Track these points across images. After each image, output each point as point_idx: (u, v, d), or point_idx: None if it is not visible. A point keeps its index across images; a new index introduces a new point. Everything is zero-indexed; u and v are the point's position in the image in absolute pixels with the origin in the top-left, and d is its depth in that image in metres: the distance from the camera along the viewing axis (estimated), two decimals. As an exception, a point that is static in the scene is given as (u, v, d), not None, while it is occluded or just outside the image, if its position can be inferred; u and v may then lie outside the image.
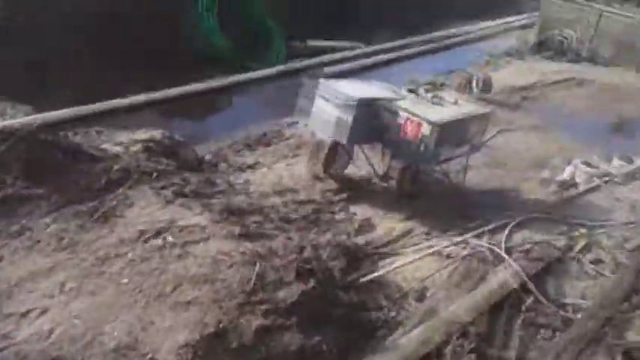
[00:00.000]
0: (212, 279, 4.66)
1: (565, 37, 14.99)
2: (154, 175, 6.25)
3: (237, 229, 5.44)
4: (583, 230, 7.05)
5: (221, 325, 4.27)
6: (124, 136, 7.21)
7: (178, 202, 5.81)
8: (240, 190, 6.93)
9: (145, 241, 5.02)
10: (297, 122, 8.91)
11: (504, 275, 6.01)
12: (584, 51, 14.54)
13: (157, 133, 7.09)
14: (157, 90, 9.33)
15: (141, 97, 9.05)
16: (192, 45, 10.73)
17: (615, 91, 12.41)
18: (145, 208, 5.51)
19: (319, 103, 7.60)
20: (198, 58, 10.43)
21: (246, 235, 5.43)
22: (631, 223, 7.47)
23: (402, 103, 7.49)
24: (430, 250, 6.35)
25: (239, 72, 10.75)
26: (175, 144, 7.23)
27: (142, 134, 7.12)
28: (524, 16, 17.92)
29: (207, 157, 7.73)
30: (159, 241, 5.06)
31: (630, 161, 9.15)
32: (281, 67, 11.36)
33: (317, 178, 7.64)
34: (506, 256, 6.30)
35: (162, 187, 6.07)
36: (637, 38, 13.92)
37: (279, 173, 7.71)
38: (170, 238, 5.11)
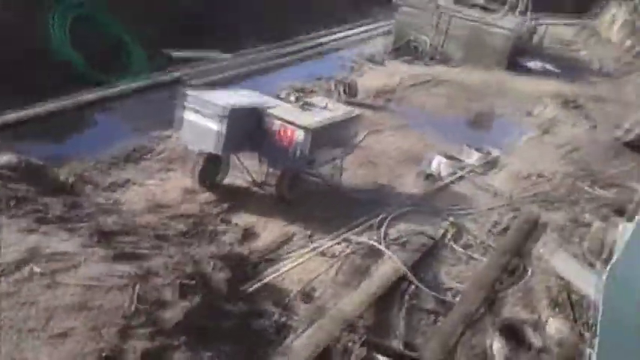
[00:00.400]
0: (87, 306, 4.33)
1: (419, 42, 15.94)
2: (12, 202, 5.70)
3: (110, 252, 5.12)
4: (452, 218, 7.51)
5: (104, 355, 3.97)
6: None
7: (42, 229, 5.34)
8: (111, 210, 6.53)
9: (9, 275, 4.55)
10: (170, 136, 8.60)
11: (386, 268, 6.23)
12: (437, 54, 15.55)
13: (12, 158, 6.46)
14: (12, 109, 8.54)
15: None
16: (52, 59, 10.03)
17: (468, 89, 13.42)
18: (5, 240, 5.00)
19: (189, 115, 7.41)
20: (56, 74, 9.73)
21: (121, 257, 5.12)
22: (493, 208, 8.09)
23: (274, 111, 7.52)
24: (314, 252, 6.41)
25: (100, 87, 10.16)
26: (34, 168, 6.64)
27: (-4, 160, 6.46)
28: (386, 22, 18.78)
29: (71, 179, 7.20)
30: (24, 273, 4.61)
31: (488, 153, 9.93)
32: (146, 81, 10.91)
33: (194, 191, 7.43)
34: (386, 250, 6.54)
35: (23, 215, 5.55)
36: (482, 40, 15.16)
37: (153, 190, 7.39)
38: (36, 269, 4.68)
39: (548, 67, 15.82)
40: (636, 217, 4.50)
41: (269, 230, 6.84)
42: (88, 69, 10.43)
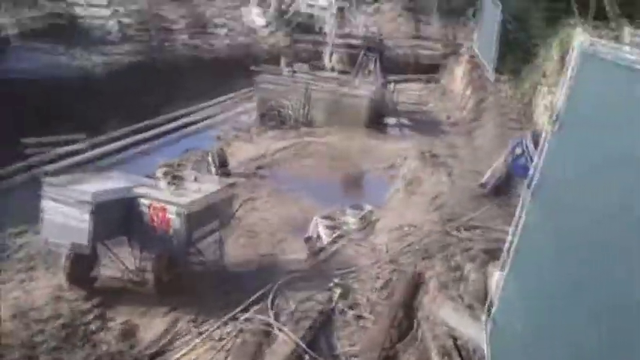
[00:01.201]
0: None
1: (282, 108, 16.36)
2: None
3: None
4: (337, 280, 7.56)
5: None
6: None
7: None
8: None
9: None
10: (26, 231, 7.90)
11: (277, 343, 6.07)
12: (300, 118, 16.03)
13: None
14: None
15: None
16: None
17: (334, 149, 13.91)
18: None
19: (50, 206, 6.89)
20: None
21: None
22: (374, 262, 8.29)
23: (143, 191, 7.23)
24: (201, 338, 6.09)
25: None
26: None
27: None
28: (244, 91, 19.08)
29: None
30: None
31: (361, 209, 10.26)
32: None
33: (62, 288, 6.81)
34: (275, 323, 6.39)
35: None
36: (340, 103, 15.91)
37: (14, 294, 6.66)
38: None
39: (404, 121, 16.92)
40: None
41: (149, 320, 6.41)
42: None
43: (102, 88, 14.95)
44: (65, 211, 6.76)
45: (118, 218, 7.06)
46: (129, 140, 13.31)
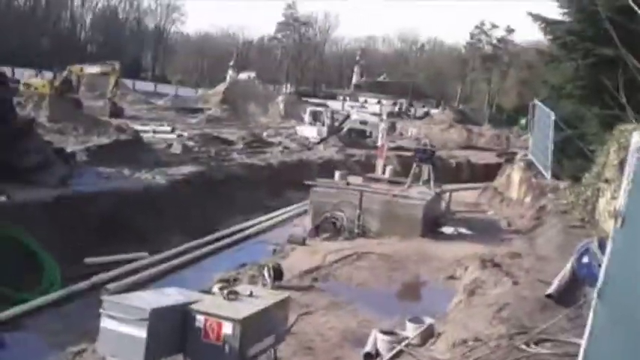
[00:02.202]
0: None
1: (336, 219, 16.45)
2: None
3: None
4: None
5: None
6: None
7: None
8: None
9: None
10: (85, 349, 7.91)
11: None
12: (355, 228, 16.03)
13: None
14: None
15: None
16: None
17: (390, 259, 13.68)
18: None
19: (107, 323, 6.92)
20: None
21: None
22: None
23: (197, 306, 7.20)
24: None
25: (12, 305, 9.48)
26: None
27: None
28: (298, 205, 19.47)
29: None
30: None
31: (421, 322, 9.82)
32: (60, 292, 10.32)
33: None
34: None
35: None
36: (395, 211, 15.90)
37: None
38: None
39: (462, 230, 16.63)
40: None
41: None
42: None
43: (164, 204, 15.60)
44: (122, 328, 6.75)
45: (174, 335, 6.98)
46: (187, 256, 13.56)
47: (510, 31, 72.98)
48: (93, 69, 35.26)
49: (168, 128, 30.80)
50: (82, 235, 12.70)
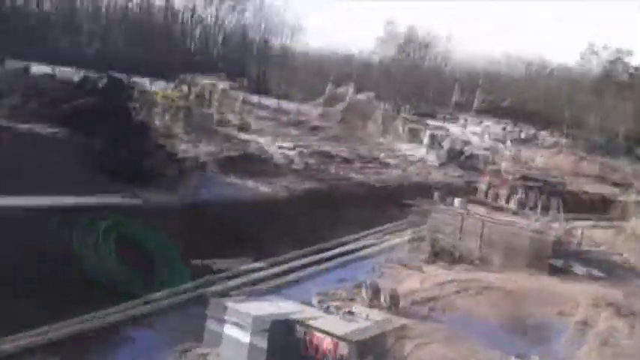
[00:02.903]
0: None
1: (455, 247, 15.87)
2: None
3: None
4: None
5: None
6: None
7: None
8: None
9: None
10: (208, 353, 8.15)
11: None
12: (474, 257, 15.35)
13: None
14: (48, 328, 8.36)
15: (22, 342, 7.96)
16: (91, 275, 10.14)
17: (511, 295, 12.91)
18: None
19: (228, 330, 7.13)
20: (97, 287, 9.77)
21: None
22: None
23: (314, 322, 7.19)
24: None
25: (137, 302, 10.04)
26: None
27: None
28: (415, 229, 19.04)
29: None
30: None
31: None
32: (186, 295, 10.79)
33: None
34: None
35: None
36: (519, 244, 15.02)
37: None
38: None
39: (593, 271, 15.35)
40: None
41: None
42: (129, 284, 10.41)
43: (282, 216, 15.92)
44: (243, 336, 6.92)
45: (290, 347, 7.02)
46: (302, 269, 13.67)
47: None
48: (223, 84, 37.25)
49: (291, 144, 31.65)
50: (207, 239, 13.21)
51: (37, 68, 49.51)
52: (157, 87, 35.65)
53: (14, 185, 10.23)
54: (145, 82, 46.49)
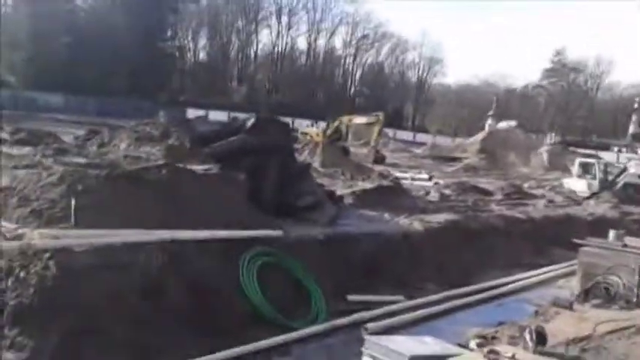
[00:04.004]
0: None
1: (610, 284, 14.57)
2: None
3: None
4: None
5: None
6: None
7: None
8: None
9: None
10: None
11: None
12: (633, 297, 13.97)
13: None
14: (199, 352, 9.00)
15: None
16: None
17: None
18: None
19: (367, 363, 7.17)
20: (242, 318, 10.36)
21: None
22: None
23: (457, 360, 6.99)
24: None
25: (280, 332, 10.46)
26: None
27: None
28: (564, 264, 17.91)
29: None
30: None
31: None
32: (325, 325, 11.06)
33: None
34: None
35: None
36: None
37: None
38: None
39: None
40: None
41: None
42: (272, 313, 10.90)
43: (420, 250, 15.79)
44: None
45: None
46: (442, 306, 13.38)
47: None
48: (360, 119, 38.19)
49: (426, 176, 31.42)
50: (344, 272, 13.50)
51: (214, 115, 54.48)
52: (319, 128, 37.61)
53: (172, 219, 11.21)
54: (307, 124, 49.53)
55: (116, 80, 56.36)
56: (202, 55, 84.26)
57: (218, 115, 54.27)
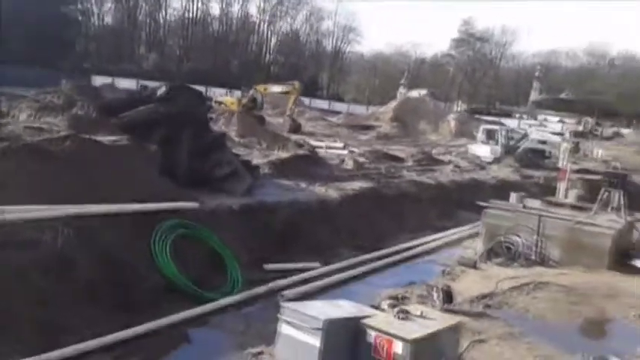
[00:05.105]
0: None
1: (512, 243, 15.55)
2: None
3: None
4: None
5: None
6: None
7: None
8: None
9: None
10: (262, 352, 8.37)
11: None
12: (532, 255, 15.01)
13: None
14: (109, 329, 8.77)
15: (91, 343, 8.38)
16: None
17: (572, 292, 12.56)
18: None
19: (284, 329, 7.28)
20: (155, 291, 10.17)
21: None
22: None
23: (369, 321, 7.25)
24: None
25: (196, 303, 10.39)
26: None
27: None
28: (470, 226, 18.88)
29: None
30: None
31: (608, 362, 8.86)
32: (242, 295, 11.10)
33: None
34: None
35: None
36: (579, 239, 14.59)
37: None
38: None
39: (657, 264, 14.77)
40: None
41: None
42: (187, 285, 10.79)
43: (335, 217, 16.11)
44: (299, 336, 7.05)
45: (345, 346, 7.11)
46: (356, 270, 13.78)
47: None
48: (276, 88, 37.87)
49: (341, 144, 31.84)
50: (261, 241, 13.56)
51: (122, 83, 51.98)
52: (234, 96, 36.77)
53: (78, 193, 10.74)
54: (222, 92, 48.34)
55: (15, 47, 52.42)
56: (108, 20, 79.81)
57: (126, 83, 52.07)
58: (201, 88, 30.74)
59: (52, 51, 57.92)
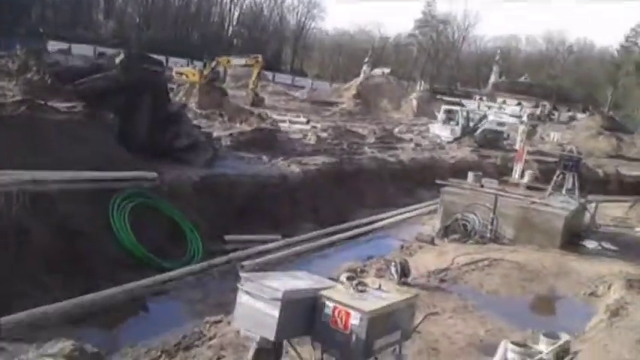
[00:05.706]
0: None
1: (467, 221, 15.90)
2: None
3: None
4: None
5: None
6: (30, 352, 6.37)
7: None
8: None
9: None
10: (220, 321, 8.39)
11: None
12: (487, 232, 15.41)
13: (67, 346, 6.31)
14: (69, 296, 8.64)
15: (50, 307, 8.24)
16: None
17: (524, 269, 12.98)
18: None
19: (243, 299, 7.27)
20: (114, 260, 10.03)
21: None
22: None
23: (327, 293, 7.31)
24: None
25: (155, 273, 10.31)
26: (88, 357, 6.46)
27: (50, 348, 6.32)
28: (428, 203, 19.19)
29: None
30: None
31: (557, 337, 9.21)
32: (201, 265, 11.06)
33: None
34: None
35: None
36: (533, 219, 15.04)
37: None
38: None
39: (606, 245, 15.37)
40: None
41: None
42: (145, 254, 10.68)
43: (297, 191, 16.13)
44: (257, 305, 7.05)
45: (304, 317, 7.15)
46: (316, 243, 13.90)
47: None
48: (239, 61, 37.25)
49: (304, 119, 31.73)
50: (222, 213, 13.48)
51: (79, 49, 50.21)
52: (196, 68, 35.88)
53: (33, 160, 10.44)
54: (182, 62, 47.15)
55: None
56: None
57: (83, 50, 50.30)
58: (161, 58, 30.00)
59: (7, 16, 55.57)
